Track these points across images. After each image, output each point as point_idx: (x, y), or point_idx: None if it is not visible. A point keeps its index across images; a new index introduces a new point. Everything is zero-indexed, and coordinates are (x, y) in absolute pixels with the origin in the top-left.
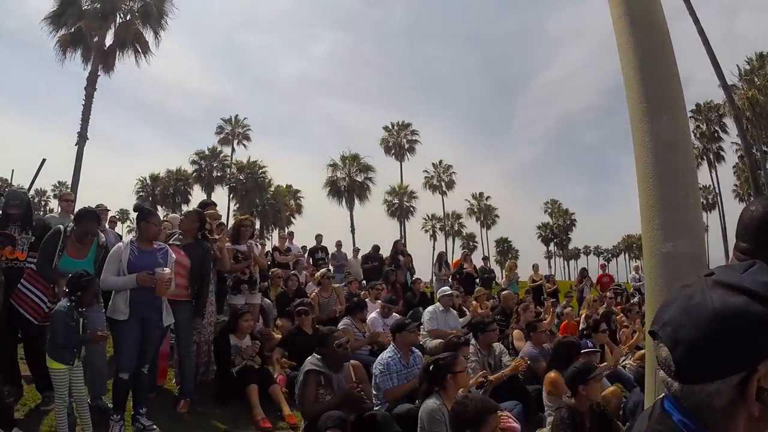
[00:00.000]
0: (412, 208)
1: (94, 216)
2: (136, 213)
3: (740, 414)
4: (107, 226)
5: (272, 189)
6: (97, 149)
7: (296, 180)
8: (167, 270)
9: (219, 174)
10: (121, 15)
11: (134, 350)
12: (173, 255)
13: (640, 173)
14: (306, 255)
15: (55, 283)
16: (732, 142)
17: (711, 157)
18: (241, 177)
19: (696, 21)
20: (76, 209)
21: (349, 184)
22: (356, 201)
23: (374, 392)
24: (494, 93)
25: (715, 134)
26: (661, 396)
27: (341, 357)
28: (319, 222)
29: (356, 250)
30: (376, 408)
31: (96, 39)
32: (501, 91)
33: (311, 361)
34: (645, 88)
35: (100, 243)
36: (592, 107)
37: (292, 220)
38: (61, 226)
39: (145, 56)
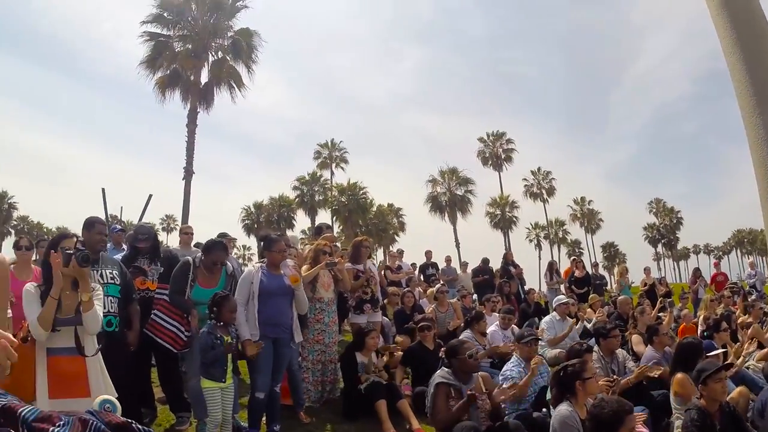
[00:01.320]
0: (514, 219)
1: (222, 246)
2: (262, 242)
3: None
4: None
5: (374, 209)
6: (202, 181)
7: (397, 198)
8: (291, 261)
9: (321, 198)
10: (213, 53)
11: (269, 370)
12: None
13: (757, 166)
14: (417, 271)
15: (188, 313)
16: None
17: None
18: (342, 199)
19: None
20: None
21: (450, 199)
22: (458, 215)
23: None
24: (585, 91)
25: None
26: None
27: (472, 367)
28: (423, 238)
29: (464, 264)
30: (506, 417)
31: (192, 78)
32: (592, 88)
33: (441, 374)
34: (752, 80)
35: (228, 272)
36: (686, 96)
37: (396, 238)
38: (190, 258)
39: (239, 90)
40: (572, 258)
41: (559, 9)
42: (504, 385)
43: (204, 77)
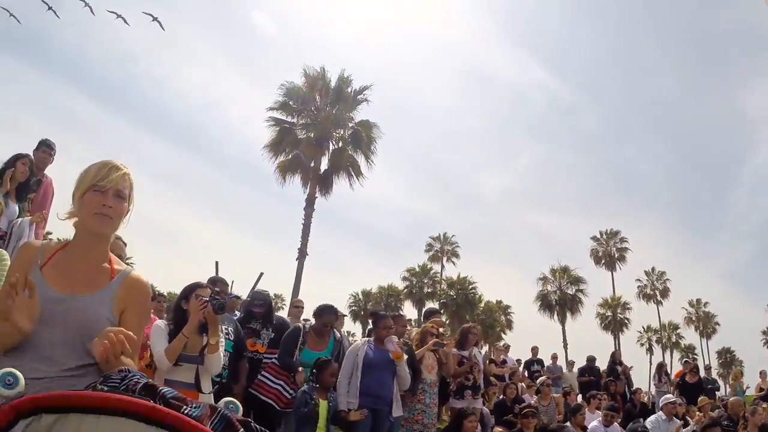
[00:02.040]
0: (626, 321)
1: (333, 310)
2: (372, 319)
3: None
4: None
5: (482, 305)
6: (311, 263)
7: (505, 295)
8: (396, 338)
9: (429, 290)
10: (334, 142)
11: None
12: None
13: None
14: (521, 367)
15: (294, 372)
16: None
17: None
18: (451, 293)
19: None
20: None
21: (560, 298)
22: (568, 314)
23: None
24: (701, 188)
25: None
26: None
27: None
28: (529, 335)
29: (571, 363)
30: None
31: (312, 164)
32: (707, 184)
33: None
34: None
35: (336, 338)
36: None
37: (503, 336)
38: (300, 325)
39: (358, 179)
40: (684, 360)
41: (673, 103)
42: None
43: (324, 164)
